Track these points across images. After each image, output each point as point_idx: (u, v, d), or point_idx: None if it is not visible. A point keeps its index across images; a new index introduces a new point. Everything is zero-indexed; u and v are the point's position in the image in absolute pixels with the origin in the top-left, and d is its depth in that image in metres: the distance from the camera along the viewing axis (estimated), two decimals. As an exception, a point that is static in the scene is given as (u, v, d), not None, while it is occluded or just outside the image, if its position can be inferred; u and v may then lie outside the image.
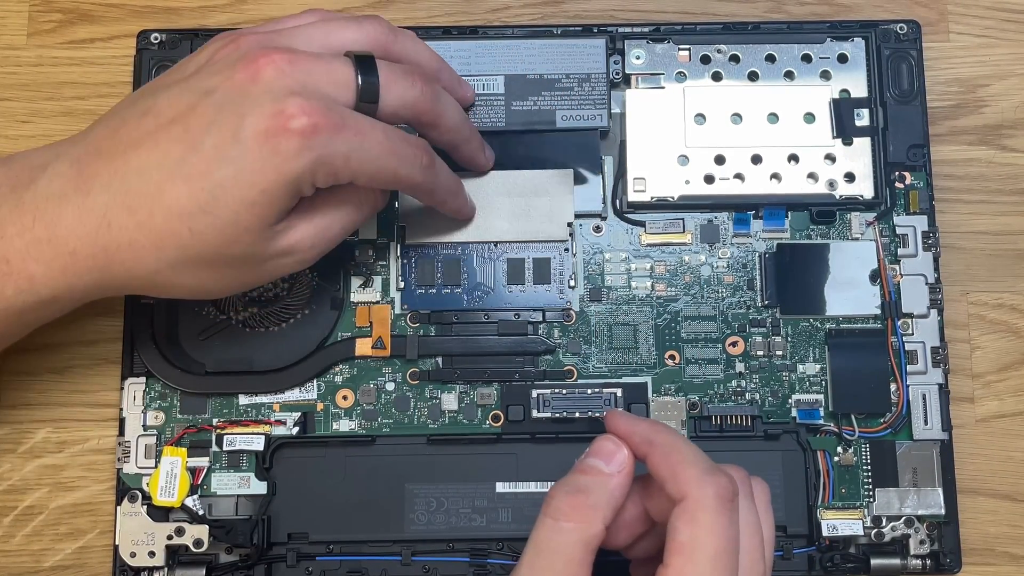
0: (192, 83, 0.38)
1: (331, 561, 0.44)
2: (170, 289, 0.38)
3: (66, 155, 0.38)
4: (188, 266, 0.37)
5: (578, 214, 0.46)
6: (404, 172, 0.39)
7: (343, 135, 0.36)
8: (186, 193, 0.36)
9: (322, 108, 0.36)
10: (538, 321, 0.45)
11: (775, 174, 0.46)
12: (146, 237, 0.36)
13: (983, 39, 0.49)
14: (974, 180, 0.48)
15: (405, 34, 0.41)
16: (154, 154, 0.36)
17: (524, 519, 0.44)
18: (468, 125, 0.43)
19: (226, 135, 0.36)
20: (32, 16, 0.49)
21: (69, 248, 0.37)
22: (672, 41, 0.47)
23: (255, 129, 0.35)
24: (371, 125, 0.37)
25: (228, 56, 0.38)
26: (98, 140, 0.38)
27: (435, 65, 0.43)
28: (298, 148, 0.35)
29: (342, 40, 0.39)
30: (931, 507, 0.44)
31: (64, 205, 0.37)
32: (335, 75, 0.37)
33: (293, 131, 0.35)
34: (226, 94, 0.36)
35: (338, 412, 0.45)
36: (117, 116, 0.39)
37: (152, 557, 0.43)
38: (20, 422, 0.46)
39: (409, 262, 0.45)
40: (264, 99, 0.36)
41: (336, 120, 0.36)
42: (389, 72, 0.38)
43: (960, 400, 0.46)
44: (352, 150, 0.37)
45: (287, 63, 0.37)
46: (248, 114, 0.36)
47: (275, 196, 0.36)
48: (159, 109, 0.37)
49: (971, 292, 0.47)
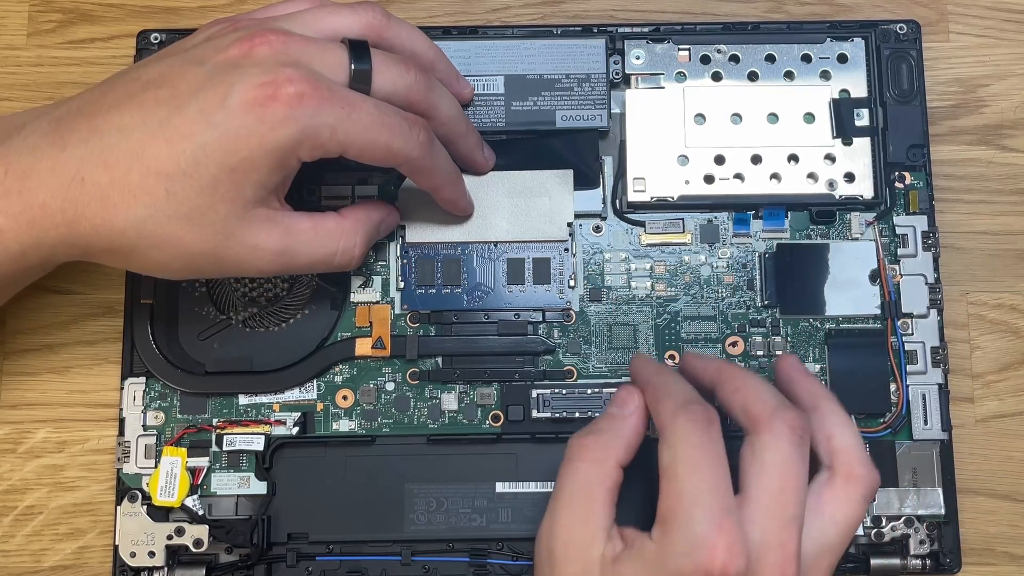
0: (185, 55, 0.38)
1: (331, 561, 0.44)
2: (131, 255, 0.38)
3: (46, 115, 0.38)
4: (156, 229, 0.37)
5: (578, 214, 0.46)
6: (398, 145, 0.38)
7: (330, 106, 0.36)
8: (167, 153, 0.36)
9: (310, 79, 0.36)
10: (538, 321, 0.45)
11: (775, 174, 0.46)
12: (119, 194, 0.36)
13: (983, 39, 0.49)
14: (974, 180, 0.48)
15: (401, 22, 0.41)
16: (137, 114, 0.36)
17: (524, 519, 0.44)
18: (465, 120, 0.43)
19: (213, 101, 0.36)
20: (32, 16, 0.49)
21: (39, 200, 0.36)
22: (672, 41, 0.47)
23: (242, 97, 0.36)
24: (361, 98, 0.38)
25: (223, 34, 0.38)
26: (81, 102, 0.38)
27: (431, 55, 0.43)
28: (284, 117, 0.36)
29: (337, 25, 0.40)
30: (931, 507, 0.44)
31: (38, 158, 0.37)
32: (328, 58, 0.38)
33: (280, 100, 0.36)
34: (217, 65, 0.37)
35: (338, 412, 0.45)
36: (105, 83, 0.39)
37: (152, 557, 0.43)
38: (20, 422, 0.46)
39: (409, 262, 0.45)
40: (254, 70, 0.36)
41: (324, 92, 0.36)
42: (382, 59, 0.39)
43: (960, 400, 0.46)
44: (339, 121, 0.37)
45: (281, 43, 0.37)
46: (237, 82, 0.36)
47: (257, 164, 0.36)
48: (148, 76, 0.38)
49: (971, 292, 0.47)
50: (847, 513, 0.36)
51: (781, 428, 0.35)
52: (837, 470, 0.36)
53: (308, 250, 0.40)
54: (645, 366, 0.39)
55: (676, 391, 0.37)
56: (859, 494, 0.36)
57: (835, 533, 0.36)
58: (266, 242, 0.38)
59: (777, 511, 0.34)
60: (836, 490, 0.36)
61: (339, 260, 0.41)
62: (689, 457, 0.35)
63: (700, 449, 0.35)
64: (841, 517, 0.36)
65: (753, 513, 0.34)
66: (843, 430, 0.37)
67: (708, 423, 0.35)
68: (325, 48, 0.38)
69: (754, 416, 0.36)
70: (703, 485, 0.34)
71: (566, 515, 0.36)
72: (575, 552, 0.35)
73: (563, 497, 0.36)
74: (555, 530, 0.36)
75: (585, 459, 0.37)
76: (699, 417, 0.35)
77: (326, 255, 0.40)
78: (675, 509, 0.34)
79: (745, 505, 0.35)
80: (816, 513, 0.36)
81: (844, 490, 0.36)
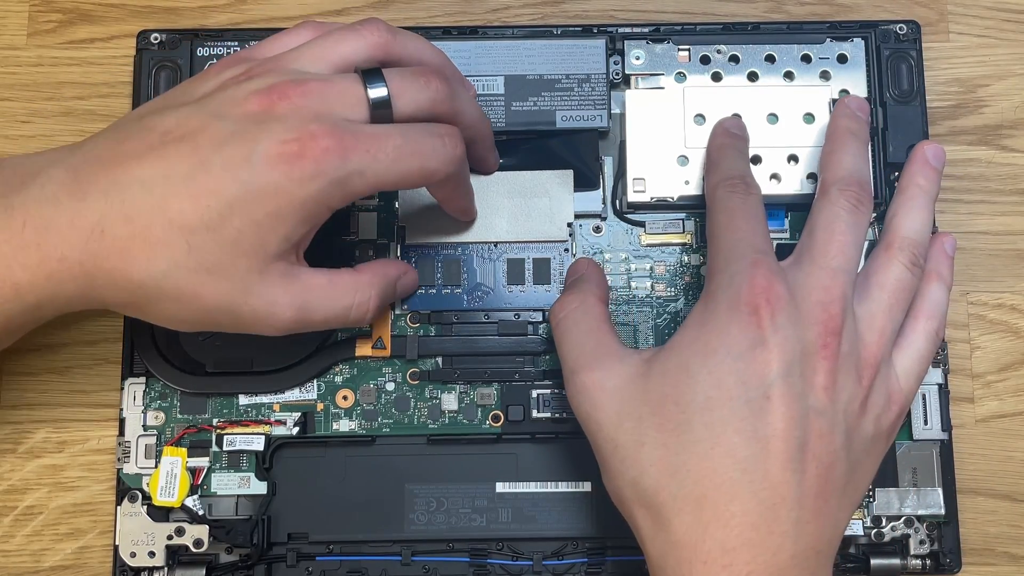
0: (202, 105, 0.37)
1: (331, 561, 0.44)
2: (148, 309, 0.37)
3: (62, 162, 0.37)
4: (175, 283, 0.36)
5: (578, 214, 0.46)
6: (432, 167, 0.38)
7: (356, 153, 0.36)
8: (191, 208, 0.35)
9: (332, 131, 0.36)
10: (538, 321, 0.45)
11: (775, 174, 0.46)
12: (139, 247, 0.35)
13: (983, 39, 0.49)
14: (974, 180, 0.48)
15: (405, 33, 0.41)
16: (159, 167, 0.36)
17: (524, 519, 0.44)
18: (486, 121, 0.43)
19: (237, 157, 0.35)
20: (32, 16, 0.49)
21: (58, 254, 0.36)
22: (672, 41, 0.47)
23: (267, 154, 0.35)
24: (386, 133, 0.37)
25: (237, 84, 0.37)
26: (98, 150, 0.37)
27: (437, 61, 0.42)
28: (312, 173, 0.35)
29: (345, 53, 0.39)
30: (931, 507, 0.44)
31: (57, 210, 0.36)
32: (346, 96, 0.37)
33: (307, 157, 0.35)
34: (238, 120, 0.36)
35: (338, 412, 0.45)
36: (120, 129, 0.38)
37: (152, 557, 0.43)
38: (20, 422, 0.46)
39: (409, 262, 0.45)
40: (276, 127, 0.35)
41: (348, 140, 0.36)
42: (399, 79, 0.38)
43: (960, 400, 0.46)
44: (367, 165, 0.36)
45: (300, 95, 0.36)
46: (262, 139, 0.35)
47: (285, 218, 0.36)
48: (166, 126, 0.37)
49: (971, 292, 0.47)
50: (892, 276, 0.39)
51: (836, 194, 0.39)
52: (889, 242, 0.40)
53: (324, 306, 0.39)
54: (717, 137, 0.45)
55: (724, 166, 0.42)
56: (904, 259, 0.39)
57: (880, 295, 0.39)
58: (283, 297, 0.37)
59: (821, 260, 0.38)
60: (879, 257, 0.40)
61: (354, 315, 0.40)
62: (727, 219, 0.39)
63: (737, 212, 0.39)
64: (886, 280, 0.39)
65: (799, 261, 0.38)
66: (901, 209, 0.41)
67: (746, 192, 0.40)
68: (341, 88, 0.37)
69: (823, 181, 0.41)
70: (739, 236, 0.38)
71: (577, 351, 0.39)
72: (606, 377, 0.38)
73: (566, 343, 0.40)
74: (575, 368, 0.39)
75: (567, 311, 0.40)
76: (737, 187, 0.40)
77: (341, 309, 0.39)
78: (715, 265, 0.38)
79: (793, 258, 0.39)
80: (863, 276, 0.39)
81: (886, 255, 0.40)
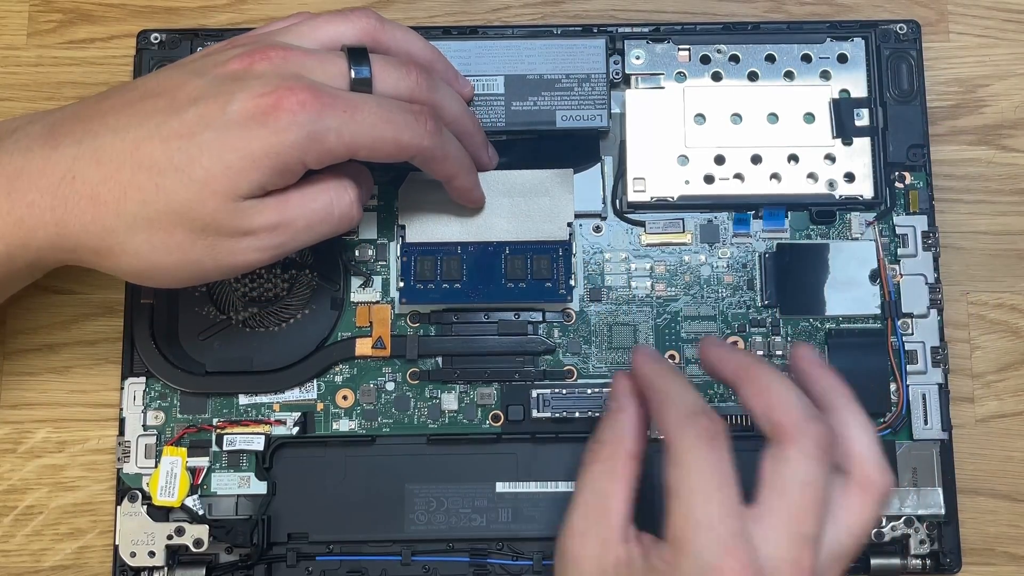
0: (182, 66, 0.38)
1: (331, 561, 0.44)
2: (120, 257, 0.37)
3: (41, 119, 0.38)
4: (145, 227, 0.36)
5: (578, 214, 0.46)
6: (406, 138, 0.38)
7: (332, 110, 0.36)
8: (161, 150, 0.36)
9: (310, 86, 0.36)
10: (538, 321, 0.45)
11: (775, 174, 0.46)
12: (109, 191, 0.36)
13: (983, 39, 0.49)
14: (974, 180, 0.48)
15: (395, 25, 0.41)
16: (133, 118, 0.36)
17: (524, 519, 0.44)
18: (471, 117, 0.43)
19: (213, 108, 0.36)
20: (32, 16, 0.49)
21: (28, 199, 0.36)
22: (672, 41, 0.47)
23: (244, 106, 0.36)
24: (363, 98, 0.37)
25: (222, 50, 0.39)
26: (76, 107, 0.38)
27: (428, 55, 0.43)
28: (287, 124, 0.36)
29: (333, 34, 0.40)
30: (931, 507, 0.44)
31: (28, 157, 0.37)
32: (328, 67, 0.38)
33: (282, 108, 0.35)
34: (217, 76, 0.37)
35: (338, 412, 0.45)
36: (102, 93, 0.39)
37: (152, 557, 0.43)
38: (20, 422, 0.46)
39: (409, 261, 0.45)
40: (255, 83, 0.36)
41: (326, 98, 0.36)
42: (382, 63, 0.39)
43: (960, 400, 0.46)
44: (343, 124, 0.36)
45: (281, 57, 0.37)
46: (238, 92, 0.36)
47: (257, 163, 0.36)
48: (146, 86, 0.38)
49: (971, 292, 0.47)
50: (863, 520, 0.35)
51: (806, 444, 0.34)
52: (853, 476, 0.35)
53: (303, 209, 0.38)
54: (646, 364, 0.38)
55: (681, 399, 0.36)
56: (874, 500, 0.35)
57: (849, 541, 0.35)
58: (258, 219, 0.37)
59: (795, 528, 0.33)
60: (852, 498, 0.35)
61: (338, 210, 0.39)
62: (697, 478, 0.33)
63: (708, 469, 0.33)
64: (856, 525, 0.35)
65: (769, 529, 0.33)
66: (861, 433, 0.36)
67: (715, 437, 0.34)
68: (324, 58, 0.38)
69: (779, 425, 0.34)
70: (712, 509, 0.33)
71: (581, 514, 0.36)
72: (590, 552, 0.35)
73: (578, 497, 0.36)
74: (571, 529, 0.36)
75: (596, 460, 0.36)
76: (706, 432, 0.34)
77: (322, 206, 0.38)
78: (684, 533, 0.33)
79: (761, 519, 0.33)
80: (831, 521, 0.34)
81: (860, 497, 0.35)
